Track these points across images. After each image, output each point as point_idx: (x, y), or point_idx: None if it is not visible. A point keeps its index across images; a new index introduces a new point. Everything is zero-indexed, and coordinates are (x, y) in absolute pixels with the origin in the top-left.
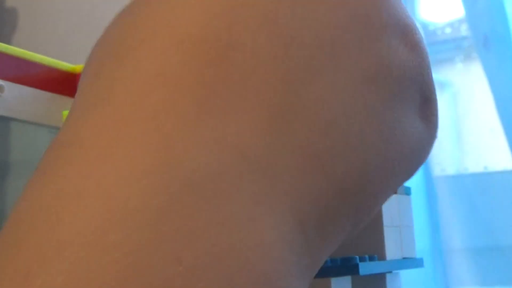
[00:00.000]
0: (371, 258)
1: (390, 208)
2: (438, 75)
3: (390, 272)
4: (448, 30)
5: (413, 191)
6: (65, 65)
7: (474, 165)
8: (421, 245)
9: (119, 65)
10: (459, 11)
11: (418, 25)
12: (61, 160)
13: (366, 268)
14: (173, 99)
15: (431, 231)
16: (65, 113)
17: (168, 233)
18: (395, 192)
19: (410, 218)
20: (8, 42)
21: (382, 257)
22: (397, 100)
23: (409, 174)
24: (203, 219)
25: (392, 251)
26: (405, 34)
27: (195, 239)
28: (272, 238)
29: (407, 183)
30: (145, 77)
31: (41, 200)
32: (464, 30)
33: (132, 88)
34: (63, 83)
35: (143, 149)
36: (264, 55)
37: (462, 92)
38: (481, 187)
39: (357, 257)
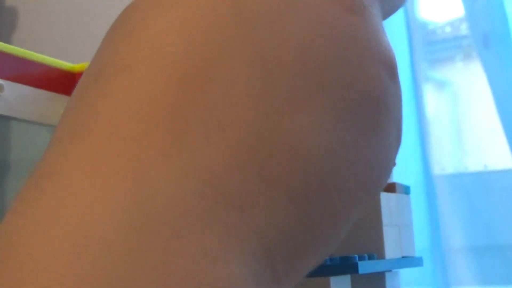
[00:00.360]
0: (370, 257)
1: (389, 207)
2: (437, 74)
3: (390, 271)
4: (448, 29)
5: (412, 190)
6: (64, 64)
7: (474, 164)
8: (420, 244)
9: (99, 93)
10: (459, 10)
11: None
12: (39, 192)
13: (365, 267)
14: (149, 132)
15: (430, 230)
16: None
17: (140, 269)
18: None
19: (409, 217)
20: (7, 41)
21: (381, 256)
22: (378, 130)
23: (373, 197)
24: (174, 254)
25: (391, 250)
26: (386, 62)
27: (166, 274)
28: (242, 272)
29: (406, 182)
30: (122, 108)
31: (18, 230)
32: (464, 29)
33: (110, 119)
34: (63, 82)
35: (118, 185)
36: (244, 89)
37: (462, 91)
38: (481, 186)
39: (356, 256)
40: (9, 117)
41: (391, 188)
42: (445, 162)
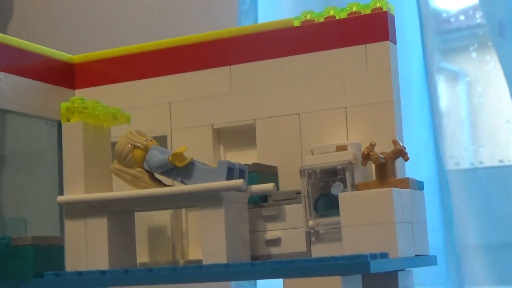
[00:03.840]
0: (383, 255)
1: (402, 203)
2: (451, 64)
3: (402, 270)
4: (461, 18)
5: (425, 186)
6: (63, 55)
7: (489, 159)
8: (433, 242)
9: None
10: None
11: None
12: None
13: (377, 265)
14: None
15: (444, 228)
16: (64, 105)
17: None
18: None
19: (423, 214)
20: (3, 31)
21: (394, 254)
22: None
23: None
24: None
25: (404, 248)
26: None
27: None
28: None
29: (419, 177)
30: None
31: None
32: (478, 17)
33: None
34: (61, 74)
35: None
36: None
37: (476, 83)
38: (496, 181)
39: (368, 254)
40: (5, 110)
41: (403, 183)
42: (459, 156)
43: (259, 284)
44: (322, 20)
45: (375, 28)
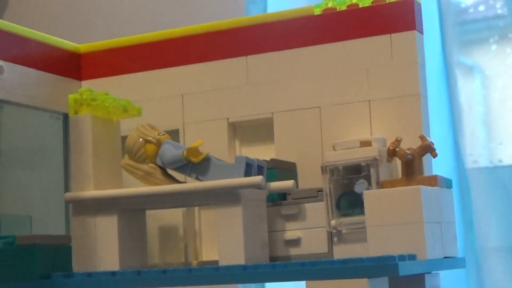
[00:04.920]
0: (411, 257)
1: (430, 202)
2: (469, 58)
3: (429, 272)
4: (481, 8)
5: None
6: (68, 44)
7: (509, 156)
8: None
9: None
10: None
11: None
12: None
13: (406, 268)
14: None
15: (464, 228)
16: (71, 96)
17: None
18: None
19: (451, 213)
20: None
21: (422, 256)
22: None
23: None
24: None
25: (432, 249)
26: None
27: None
28: None
29: (447, 175)
30: None
31: None
32: (499, 7)
33: None
34: (67, 64)
35: None
36: None
37: (496, 77)
38: None
39: (396, 256)
40: (9, 102)
41: (432, 181)
42: (478, 154)
43: (268, 286)
44: (344, 8)
45: (401, 16)
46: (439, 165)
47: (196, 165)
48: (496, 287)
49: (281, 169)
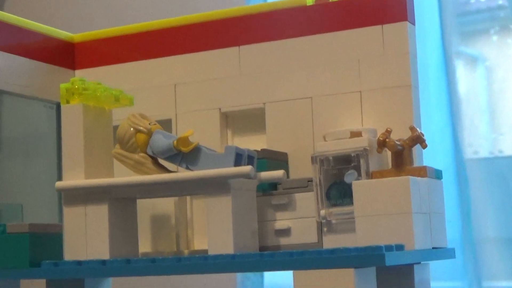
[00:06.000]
0: (398, 247)
1: (419, 193)
2: (470, 48)
3: (419, 262)
4: None
5: (443, 175)
6: (62, 33)
7: (509, 147)
8: (450, 234)
9: None
10: None
11: None
12: None
13: (393, 258)
14: None
15: (461, 219)
16: (63, 86)
17: None
18: None
19: (441, 204)
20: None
21: (410, 246)
22: None
23: None
24: None
25: (421, 240)
26: None
27: None
28: None
29: (435, 166)
30: None
31: None
32: None
33: None
34: (61, 53)
35: None
36: None
37: (497, 67)
38: None
39: (383, 246)
40: (2, 91)
41: (421, 172)
42: (478, 144)
43: (266, 276)
44: None
45: (393, 7)
46: (437, 156)
47: (187, 154)
48: (493, 277)
49: (272, 159)
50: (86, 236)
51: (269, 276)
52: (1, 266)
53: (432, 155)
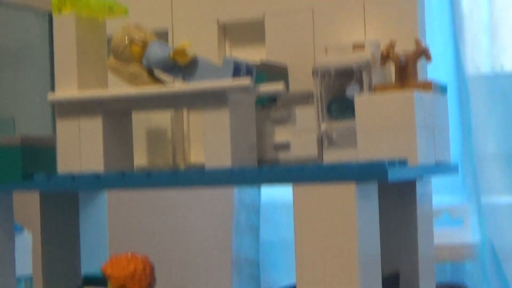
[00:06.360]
0: (401, 162)
1: (424, 107)
2: None
3: (421, 178)
4: None
5: None
6: None
7: (511, 64)
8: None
9: None
10: None
11: None
12: None
13: (395, 173)
14: None
15: (462, 135)
16: None
17: None
18: None
19: (445, 119)
20: None
21: (413, 161)
22: None
23: None
24: None
25: (424, 155)
26: None
27: None
28: None
29: (447, 82)
30: None
31: None
32: None
33: None
34: None
35: None
36: None
37: None
38: None
39: (386, 160)
40: None
41: (426, 86)
42: (480, 61)
43: (264, 191)
44: None
45: None
46: (439, 72)
47: (183, 66)
48: (492, 193)
49: (271, 71)
50: (80, 149)
51: (267, 192)
52: None
53: (434, 71)
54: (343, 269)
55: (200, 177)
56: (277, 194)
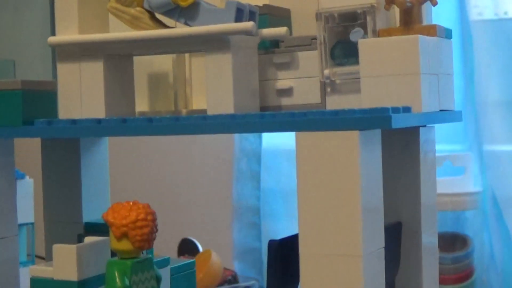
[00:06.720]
0: (405, 109)
1: (428, 53)
2: None
3: (424, 125)
4: None
5: None
6: None
7: None
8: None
9: None
10: None
11: None
12: None
13: (399, 120)
14: None
15: (464, 82)
16: None
17: None
18: None
19: (450, 65)
20: None
21: (417, 108)
22: None
23: None
24: None
25: (428, 102)
26: None
27: None
28: None
29: (450, 27)
30: None
31: None
32: None
33: None
34: None
35: None
36: None
37: None
38: None
39: (390, 107)
40: None
41: (431, 30)
42: (483, 6)
43: (264, 138)
44: None
45: None
46: (442, 17)
47: (185, 9)
48: (494, 141)
49: (274, 15)
50: (81, 94)
51: (268, 138)
52: None
53: (436, 17)
54: (345, 217)
55: (202, 123)
56: (278, 141)
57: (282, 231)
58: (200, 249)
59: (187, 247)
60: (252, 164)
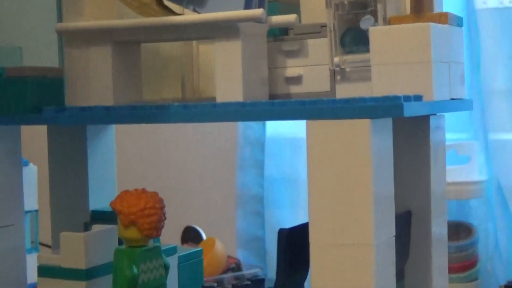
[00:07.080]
0: (417, 98)
1: (439, 41)
2: None
3: (435, 114)
4: None
5: None
6: None
7: None
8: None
9: None
10: None
11: None
12: None
13: (411, 109)
14: None
15: (470, 70)
16: None
17: None
18: None
19: (461, 53)
20: None
21: (428, 97)
22: None
23: None
24: None
25: (439, 90)
26: None
27: None
28: None
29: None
30: None
31: None
32: None
33: None
34: None
35: None
36: None
37: None
38: None
39: (402, 96)
40: None
41: (442, 18)
42: None
43: (268, 126)
44: None
45: None
46: (447, 5)
47: None
48: (499, 129)
49: (283, 2)
50: (89, 81)
51: (271, 126)
52: (0, 112)
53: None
54: (357, 206)
55: (211, 111)
56: (282, 130)
57: (286, 220)
58: (204, 237)
59: (190, 235)
60: (255, 152)
